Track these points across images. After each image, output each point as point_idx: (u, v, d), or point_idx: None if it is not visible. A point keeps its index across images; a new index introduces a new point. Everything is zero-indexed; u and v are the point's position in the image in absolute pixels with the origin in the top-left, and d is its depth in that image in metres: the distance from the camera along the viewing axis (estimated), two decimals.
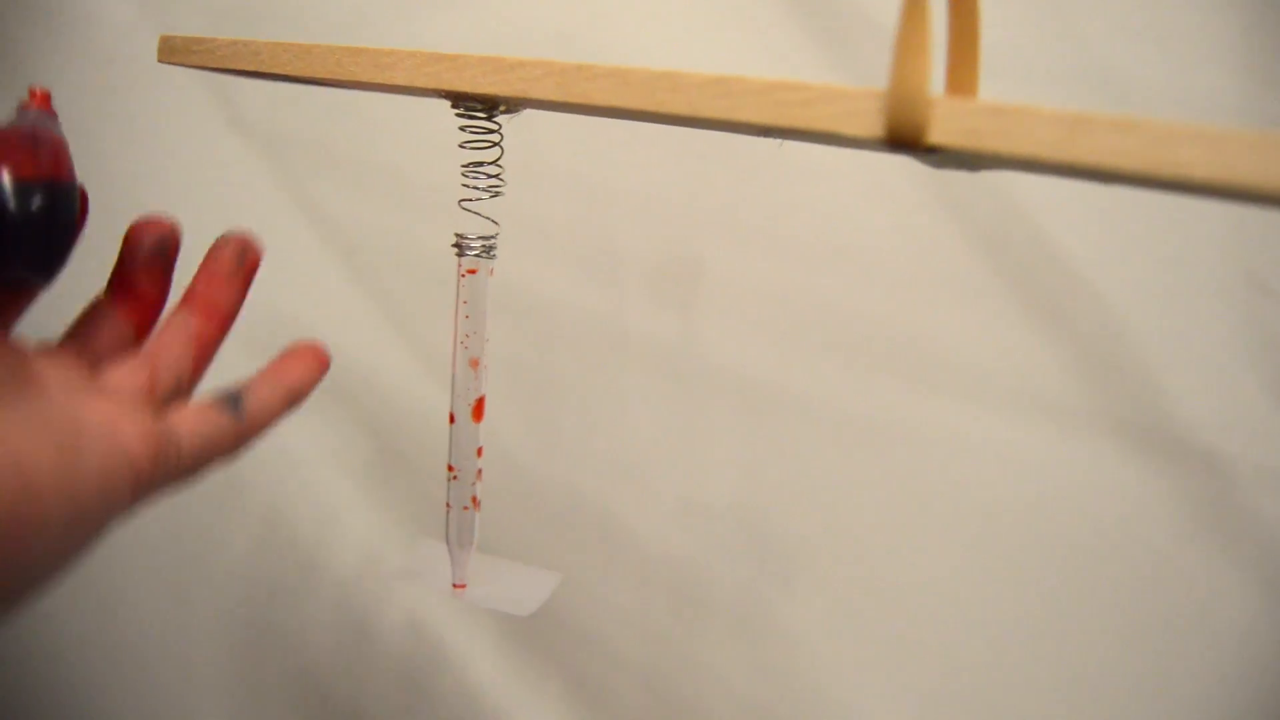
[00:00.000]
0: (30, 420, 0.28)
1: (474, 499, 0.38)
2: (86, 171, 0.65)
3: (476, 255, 0.36)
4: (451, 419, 0.38)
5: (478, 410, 0.38)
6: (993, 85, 0.32)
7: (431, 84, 0.33)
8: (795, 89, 0.26)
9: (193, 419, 0.32)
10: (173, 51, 0.41)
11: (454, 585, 0.39)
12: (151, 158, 0.64)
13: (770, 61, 0.55)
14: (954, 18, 0.30)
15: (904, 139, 0.25)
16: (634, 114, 0.30)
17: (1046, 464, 0.54)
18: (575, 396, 0.59)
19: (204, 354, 0.35)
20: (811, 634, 0.57)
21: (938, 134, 0.25)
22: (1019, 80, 0.50)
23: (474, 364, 0.37)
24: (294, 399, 0.34)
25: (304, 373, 0.35)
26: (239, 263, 0.36)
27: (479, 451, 0.38)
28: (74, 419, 0.29)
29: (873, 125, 0.25)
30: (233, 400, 0.33)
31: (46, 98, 0.35)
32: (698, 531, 0.57)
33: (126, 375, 0.33)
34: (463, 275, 0.37)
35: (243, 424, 0.33)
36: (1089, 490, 0.53)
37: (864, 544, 0.56)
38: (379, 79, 0.34)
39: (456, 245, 0.36)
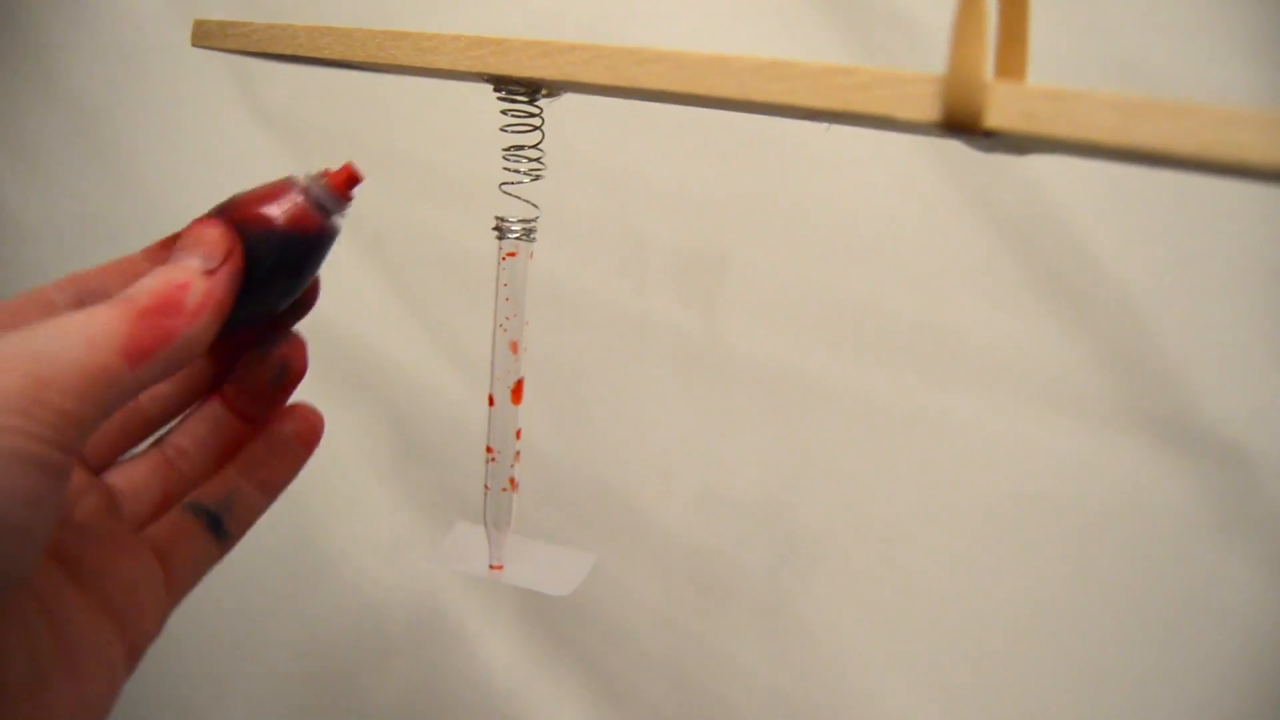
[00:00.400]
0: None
1: (512, 480, 0.39)
2: (111, 162, 0.65)
3: (517, 238, 0.37)
4: (491, 401, 0.38)
5: (517, 392, 0.38)
6: None
7: (475, 68, 0.33)
8: (851, 73, 0.27)
9: (184, 553, 0.31)
10: (207, 35, 0.41)
11: (491, 566, 0.39)
12: (175, 147, 0.64)
13: (791, 50, 0.55)
14: (1004, 2, 0.30)
15: (961, 123, 0.25)
16: (684, 98, 0.30)
17: (1070, 457, 0.54)
18: (598, 387, 0.59)
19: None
20: (835, 624, 0.57)
21: (995, 118, 0.25)
22: (1044, 73, 0.51)
23: (513, 347, 0.37)
24: (275, 497, 0.34)
25: (291, 467, 0.34)
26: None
27: (518, 434, 0.38)
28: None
29: (930, 109, 0.26)
30: (215, 523, 0.32)
31: (345, 181, 0.32)
32: (721, 522, 0.58)
33: (144, 478, 0.32)
34: (503, 258, 0.37)
35: (225, 545, 0.32)
36: (1112, 484, 0.53)
37: (887, 535, 0.57)
38: (420, 62, 0.35)
39: (497, 228, 0.37)
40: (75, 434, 0.24)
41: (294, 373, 0.34)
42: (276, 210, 0.31)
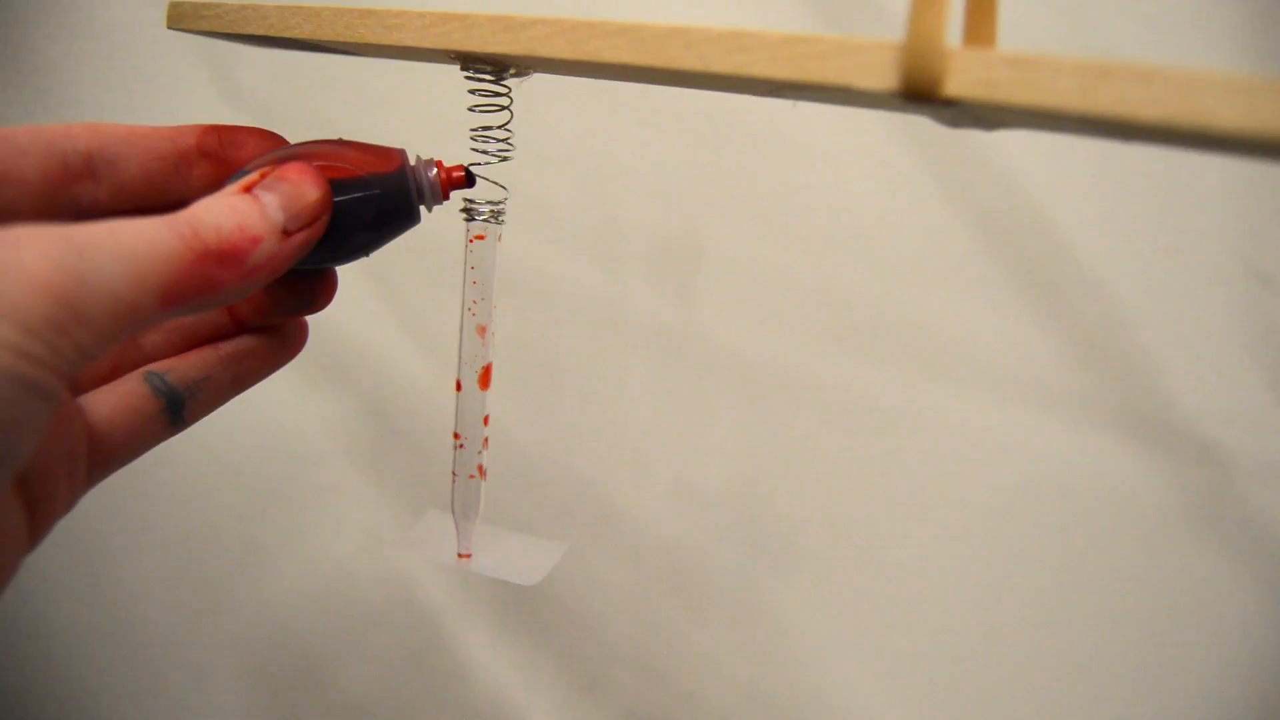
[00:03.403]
0: None
1: (480, 468, 0.38)
2: None
3: (485, 220, 0.36)
4: (459, 387, 0.37)
5: (484, 378, 0.37)
6: None
7: (441, 44, 0.33)
8: (810, 42, 0.26)
9: (126, 430, 0.28)
10: (181, 17, 0.40)
11: (459, 555, 0.38)
12: None
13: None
14: None
15: (920, 91, 0.24)
16: (646, 73, 0.30)
17: (1045, 453, 0.54)
18: (571, 376, 0.59)
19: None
20: (808, 618, 0.57)
21: (955, 86, 0.24)
22: None
23: (481, 331, 0.37)
24: (238, 394, 0.32)
25: (272, 368, 0.32)
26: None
27: (485, 420, 0.38)
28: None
29: (888, 78, 0.25)
30: (176, 405, 0.29)
31: (454, 181, 0.32)
32: (694, 514, 0.57)
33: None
34: (470, 241, 0.36)
35: (173, 432, 0.30)
36: (1087, 480, 0.53)
37: (860, 528, 0.56)
38: (387, 40, 0.34)
39: (465, 210, 0.36)
40: (82, 364, 0.22)
41: (318, 306, 0.33)
42: (380, 182, 0.30)
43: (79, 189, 0.29)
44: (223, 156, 0.32)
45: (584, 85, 0.35)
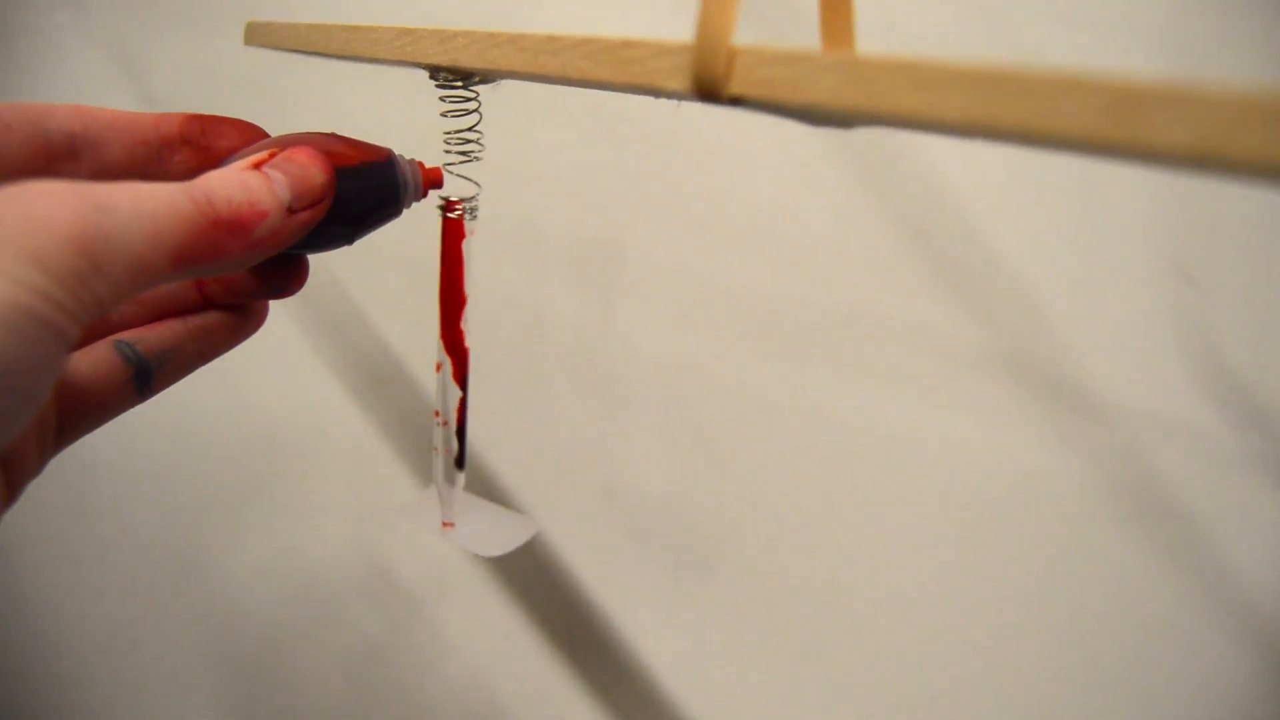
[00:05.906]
0: None
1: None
2: None
3: (460, 215, 0.39)
4: (439, 368, 0.40)
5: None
6: None
7: (399, 55, 0.36)
8: (634, 46, 0.27)
9: (95, 397, 0.29)
10: (254, 34, 0.47)
11: (443, 524, 0.42)
12: None
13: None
14: None
15: (708, 91, 0.25)
16: (535, 78, 0.32)
17: (971, 451, 0.53)
18: (493, 381, 0.59)
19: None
20: (735, 623, 0.57)
21: (738, 85, 0.24)
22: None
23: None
24: (202, 365, 0.33)
25: (236, 341, 0.33)
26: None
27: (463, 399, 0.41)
28: None
29: (685, 79, 0.25)
30: (144, 374, 0.30)
31: (433, 181, 0.35)
32: (620, 518, 0.57)
33: None
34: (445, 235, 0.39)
35: (138, 400, 0.31)
36: (1013, 478, 0.53)
37: (787, 530, 0.56)
38: (367, 53, 0.38)
39: (440, 207, 0.39)
40: (96, 316, 0.23)
41: (289, 291, 0.34)
42: (371, 174, 0.33)
43: (60, 168, 0.30)
44: (204, 144, 0.33)
45: (507, 85, 0.36)
